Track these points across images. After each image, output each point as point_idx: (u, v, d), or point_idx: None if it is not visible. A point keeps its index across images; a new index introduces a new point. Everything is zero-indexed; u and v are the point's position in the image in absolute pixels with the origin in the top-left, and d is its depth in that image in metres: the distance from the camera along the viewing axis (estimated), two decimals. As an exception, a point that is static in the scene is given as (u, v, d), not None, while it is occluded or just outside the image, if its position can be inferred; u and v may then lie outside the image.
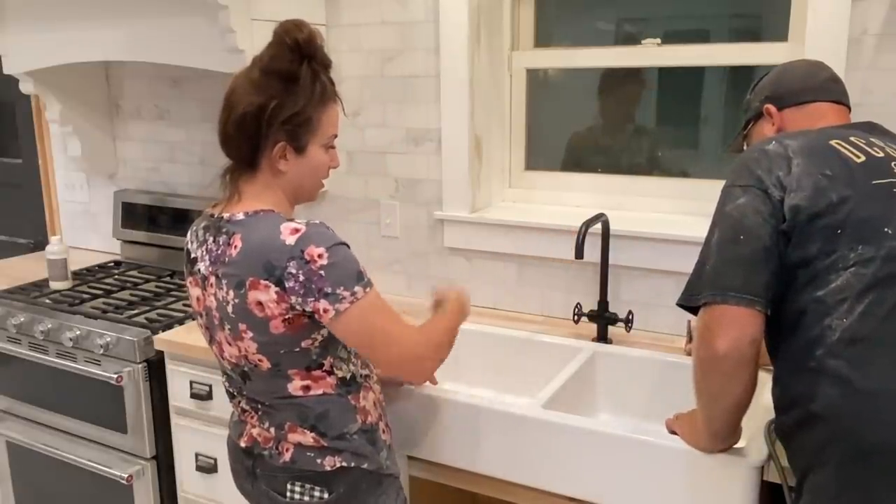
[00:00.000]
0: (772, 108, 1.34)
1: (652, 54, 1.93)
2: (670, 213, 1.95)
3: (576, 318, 1.84)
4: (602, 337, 1.82)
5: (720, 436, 1.22)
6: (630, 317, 1.78)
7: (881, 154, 1.16)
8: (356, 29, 2.13)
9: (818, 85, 1.32)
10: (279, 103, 1.22)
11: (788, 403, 1.12)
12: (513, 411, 1.43)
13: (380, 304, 1.25)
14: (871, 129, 1.25)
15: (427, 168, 2.12)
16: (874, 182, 1.11)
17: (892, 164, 1.15)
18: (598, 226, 1.76)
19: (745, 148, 1.39)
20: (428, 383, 1.54)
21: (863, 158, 1.14)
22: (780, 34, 1.78)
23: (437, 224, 2.13)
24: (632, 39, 1.98)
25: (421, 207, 2.15)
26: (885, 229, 1.07)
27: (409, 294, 2.22)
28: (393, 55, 2.09)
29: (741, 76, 1.90)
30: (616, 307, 1.84)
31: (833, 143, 1.17)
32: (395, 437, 1.55)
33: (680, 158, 2.02)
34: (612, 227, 1.80)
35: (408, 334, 1.29)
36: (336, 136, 1.33)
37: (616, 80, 2.04)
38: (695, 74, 1.94)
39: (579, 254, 1.61)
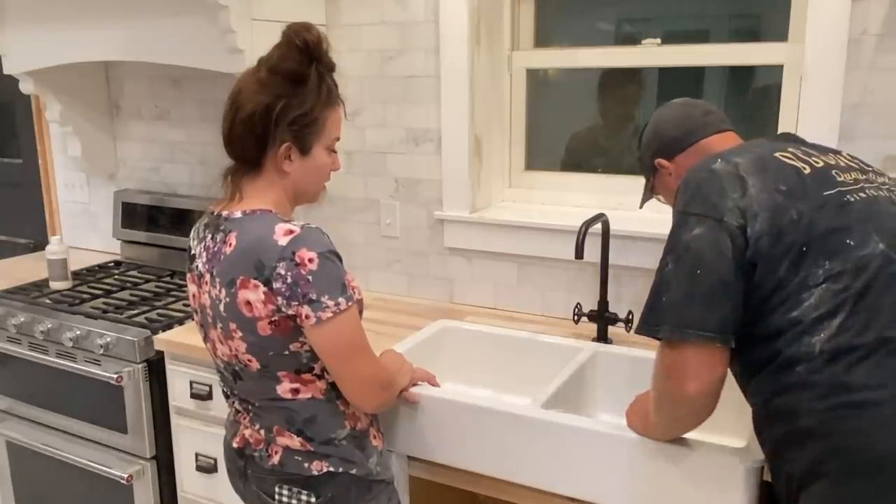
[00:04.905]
0: (663, 161, 1.37)
1: (652, 54, 1.93)
2: (670, 213, 1.95)
3: (576, 318, 1.84)
4: (602, 337, 1.82)
5: (673, 437, 1.28)
6: (630, 317, 1.78)
7: (820, 164, 1.16)
8: (356, 29, 2.13)
9: (695, 124, 1.34)
10: (287, 104, 1.22)
11: (768, 420, 1.11)
12: (513, 411, 1.43)
13: (358, 322, 1.26)
14: (794, 139, 1.26)
15: (427, 168, 2.12)
16: (825, 193, 1.11)
17: (833, 172, 1.15)
18: (598, 226, 1.76)
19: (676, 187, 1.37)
20: (428, 384, 1.53)
21: (809, 170, 1.14)
22: (780, 34, 1.78)
23: (437, 224, 2.13)
24: (632, 39, 1.98)
25: (421, 207, 2.15)
26: (848, 241, 1.07)
27: (409, 294, 2.22)
28: (393, 55, 2.09)
29: (741, 76, 1.90)
30: (616, 307, 1.84)
31: (778, 155, 1.16)
32: (395, 438, 1.55)
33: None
34: (612, 227, 1.80)
35: (379, 360, 1.34)
36: (339, 139, 1.33)
37: (616, 81, 2.04)
38: (695, 74, 1.94)
39: (579, 254, 1.61)
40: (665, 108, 1.41)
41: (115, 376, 1.91)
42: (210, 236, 1.29)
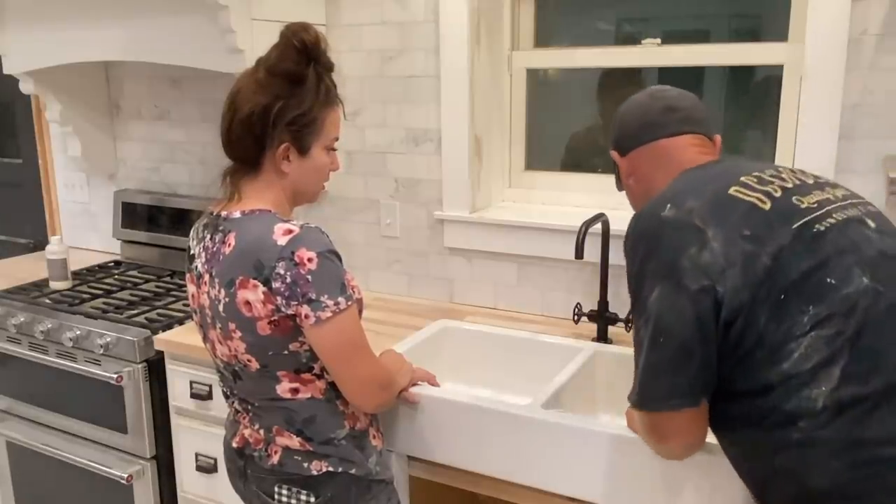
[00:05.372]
0: (615, 154, 1.30)
1: (652, 54, 1.93)
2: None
3: (576, 318, 1.84)
4: (602, 337, 1.82)
5: None
6: (630, 317, 1.78)
7: (779, 192, 1.06)
8: (356, 29, 2.13)
9: (650, 122, 1.23)
10: (285, 104, 1.23)
11: (772, 481, 1.02)
12: (513, 411, 1.43)
13: (358, 321, 1.26)
14: (741, 161, 1.17)
15: (427, 168, 2.12)
16: (793, 227, 1.02)
17: (795, 199, 1.05)
18: (598, 226, 1.76)
19: (629, 184, 1.31)
20: (427, 384, 1.53)
21: (769, 204, 1.04)
22: (780, 34, 1.78)
23: (437, 224, 2.13)
24: (632, 39, 1.98)
25: (421, 207, 2.15)
26: (829, 280, 0.98)
27: (409, 294, 2.22)
28: (393, 55, 2.09)
29: (741, 76, 1.90)
30: (616, 307, 1.84)
31: (732, 192, 1.06)
32: (395, 438, 1.55)
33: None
34: (612, 227, 1.79)
35: (378, 359, 1.34)
36: (337, 139, 1.33)
37: (616, 81, 2.04)
38: (695, 74, 1.94)
39: (579, 254, 1.61)
40: (631, 98, 1.31)
41: (115, 376, 1.91)
42: (209, 236, 1.29)
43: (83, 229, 2.87)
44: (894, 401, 0.93)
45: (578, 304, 1.85)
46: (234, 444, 1.38)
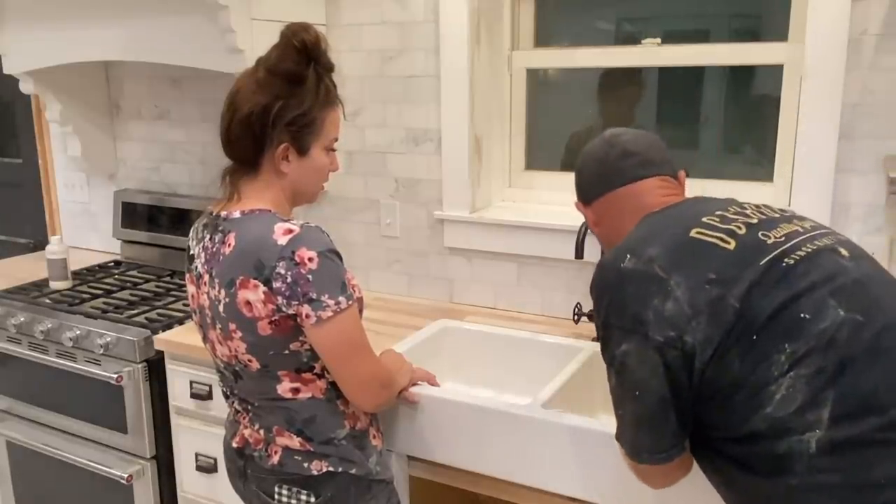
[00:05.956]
0: (580, 205, 1.28)
1: (652, 54, 1.93)
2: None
3: (576, 318, 1.84)
4: (602, 337, 1.82)
5: None
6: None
7: (743, 229, 1.03)
8: (356, 29, 2.13)
9: (608, 170, 1.20)
10: (284, 104, 1.22)
11: None
12: (513, 411, 1.43)
13: (358, 321, 1.26)
14: (702, 201, 1.14)
15: (427, 168, 2.12)
16: (761, 264, 0.98)
17: (761, 235, 1.02)
18: (598, 226, 1.76)
19: (598, 233, 1.29)
20: (427, 383, 1.53)
21: (733, 243, 1.01)
22: (780, 34, 1.78)
23: (437, 224, 2.13)
24: (632, 39, 1.98)
25: (421, 207, 2.15)
26: (802, 315, 0.94)
27: (409, 294, 2.22)
28: (393, 55, 2.09)
29: (741, 76, 1.90)
30: (616, 307, 1.83)
31: (694, 234, 1.03)
32: (395, 438, 1.55)
33: (679, 158, 2.00)
34: (612, 227, 1.79)
35: (379, 359, 1.34)
36: (337, 140, 1.33)
37: (616, 80, 2.04)
38: (695, 74, 1.94)
39: (579, 254, 1.61)
40: (588, 146, 1.27)
41: (115, 376, 1.91)
42: (209, 237, 1.29)
43: (83, 229, 2.87)
44: (893, 439, 0.89)
45: (578, 303, 1.85)
46: (234, 445, 1.38)
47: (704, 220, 1.06)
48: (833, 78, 1.61)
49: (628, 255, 1.05)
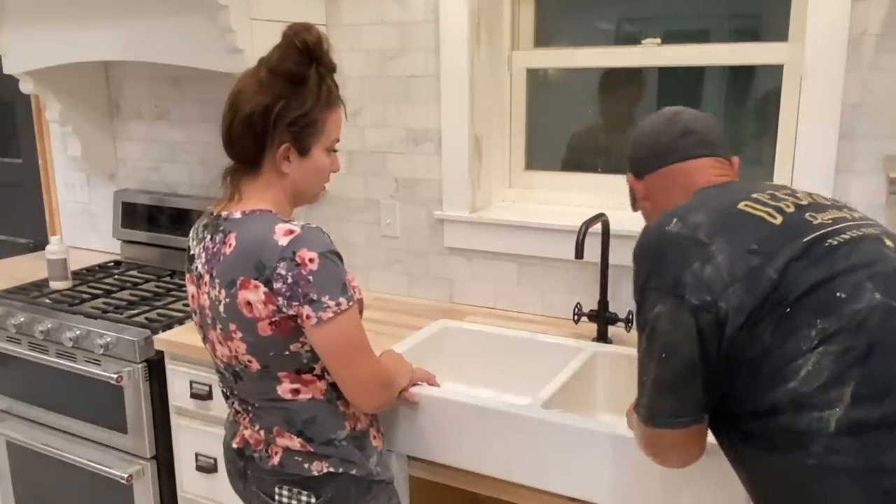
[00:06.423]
0: (631, 177, 1.28)
1: (652, 54, 1.93)
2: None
3: (576, 318, 1.84)
4: (602, 337, 1.82)
5: None
6: (630, 317, 1.78)
7: (791, 208, 1.05)
8: (356, 29, 2.13)
9: (667, 145, 1.21)
10: (286, 104, 1.22)
11: (779, 500, 1.00)
12: (513, 411, 1.43)
13: (359, 321, 1.26)
14: (755, 183, 1.15)
15: (427, 168, 2.12)
16: (803, 241, 0.99)
17: (808, 215, 1.04)
18: (598, 226, 1.76)
19: (645, 206, 1.29)
20: (427, 384, 1.53)
21: (780, 218, 1.02)
22: (781, 34, 1.78)
23: (437, 224, 2.13)
24: (632, 39, 1.98)
25: (421, 207, 2.15)
26: (838, 294, 0.95)
27: (409, 294, 2.22)
28: (393, 55, 2.09)
29: (741, 76, 1.90)
30: (616, 307, 1.84)
31: (742, 206, 1.05)
32: (395, 438, 1.55)
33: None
34: (612, 227, 1.80)
35: (379, 359, 1.34)
36: (339, 141, 1.33)
37: (616, 80, 2.04)
38: (695, 74, 1.94)
39: (579, 254, 1.61)
40: (646, 120, 1.28)
41: (115, 376, 1.91)
42: (209, 237, 1.29)
43: (83, 229, 2.87)
44: None
45: (578, 304, 1.85)
46: (235, 445, 1.37)
47: (755, 195, 1.07)
48: (833, 78, 1.61)
49: (675, 220, 1.06)
